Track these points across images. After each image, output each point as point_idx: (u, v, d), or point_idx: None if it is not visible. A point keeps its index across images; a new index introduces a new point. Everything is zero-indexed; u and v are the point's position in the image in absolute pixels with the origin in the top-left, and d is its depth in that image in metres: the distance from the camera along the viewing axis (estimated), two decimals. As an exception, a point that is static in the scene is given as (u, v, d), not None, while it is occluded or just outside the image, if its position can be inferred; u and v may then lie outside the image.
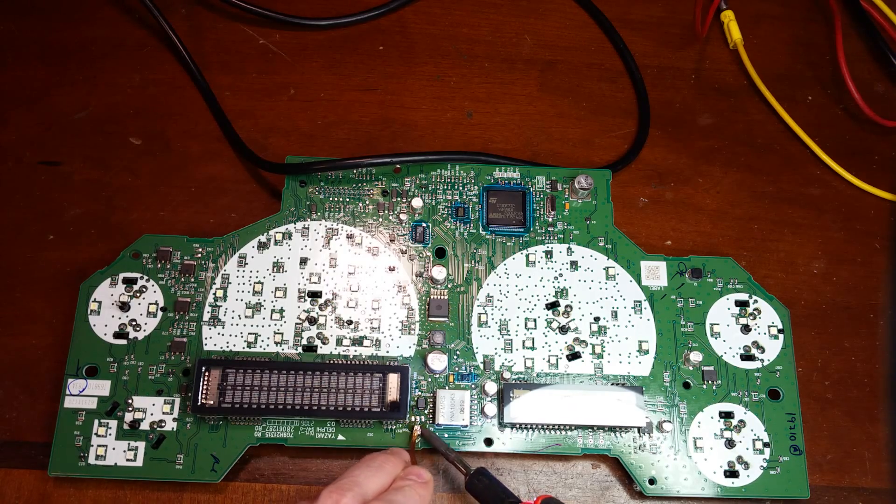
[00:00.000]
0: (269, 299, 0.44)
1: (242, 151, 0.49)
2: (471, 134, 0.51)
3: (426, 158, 0.47)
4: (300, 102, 0.51)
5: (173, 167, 0.49)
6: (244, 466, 0.43)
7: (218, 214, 0.48)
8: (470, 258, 0.46)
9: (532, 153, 0.50)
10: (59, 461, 0.41)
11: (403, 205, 0.47)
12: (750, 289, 0.45)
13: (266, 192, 0.49)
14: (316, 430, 0.42)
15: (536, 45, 0.54)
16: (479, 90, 0.52)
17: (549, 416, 0.41)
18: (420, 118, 0.51)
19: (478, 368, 0.43)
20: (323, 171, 0.46)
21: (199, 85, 0.51)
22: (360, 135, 0.51)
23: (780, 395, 0.43)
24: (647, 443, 0.42)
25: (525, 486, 0.43)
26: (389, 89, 0.52)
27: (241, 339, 0.44)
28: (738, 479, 0.42)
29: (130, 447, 0.41)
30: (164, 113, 0.51)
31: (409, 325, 0.44)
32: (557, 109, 0.52)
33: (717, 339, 0.44)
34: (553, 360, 0.44)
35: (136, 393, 0.42)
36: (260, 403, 0.41)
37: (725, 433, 0.42)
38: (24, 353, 0.45)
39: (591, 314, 0.45)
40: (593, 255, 0.46)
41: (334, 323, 0.44)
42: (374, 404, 0.41)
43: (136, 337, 0.43)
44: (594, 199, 0.47)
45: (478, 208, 0.47)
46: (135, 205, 0.48)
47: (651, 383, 0.43)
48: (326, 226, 0.46)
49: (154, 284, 0.44)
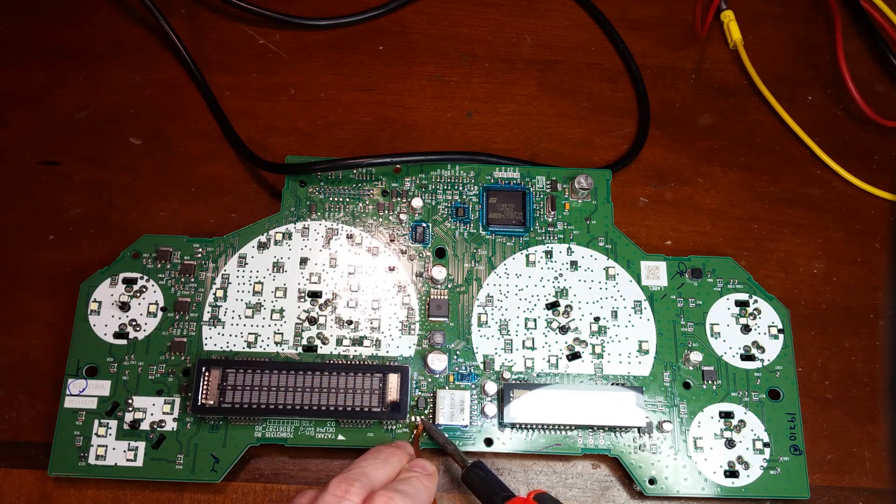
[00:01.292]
0: (269, 299, 0.44)
1: (242, 151, 0.49)
2: (471, 134, 0.51)
3: (426, 158, 0.47)
4: (300, 102, 0.51)
5: (173, 167, 0.49)
6: (244, 466, 0.43)
7: (218, 214, 0.48)
8: (470, 258, 0.46)
9: (532, 153, 0.50)
10: (59, 461, 0.41)
11: (403, 205, 0.47)
12: (750, 289, 0.45)
13: (266, 192, 0.49)
14: (316, 430, 0.42)
15: (536, 45, 0.54)
16: (479, 90, 0.52)
17: (549, 416, 0.41)
18: (420, 118, 0.51)
19: (478, 368, 0.43)
20: (323, 171, 0.46)
21: (199, 85, 0.51)
22: (360, 135, 0.51)
23: (780, 395, 0.43)
24: (647, 443, 0.42)
25: (525, 486, 0.43)
26: (389, 89, 0.52)
27: (241, 339, 0.44)
28: (738, 479, 0.42)
29: (130, 447, 0.41)
30: (164, 113, 0.51)
31: (409, 325, 0.44)
32: (557, 109, 0.52)
33: (717, 339, 0.44)
34: (553, 360, 0.44)
35: (136, 393, 0.42)
36: (260, 403, 0.41)
37: (725, 433, 0.42)
38: (24, 353, 0.45)
39: (591, 314, 0.45)
40: (593, 255, 0.46)
41: (334, 323, 0.44)
42: (374, 404, 0.41)
43: (136, 337, 0.43)
44: (594, 199, 0.47)
45: (478, 208, 0.47)
46: (135, 205, 0.48)
47: (651, 383, 0.43)
48: (326, 226, 0.46)
49: (154, 284, 0.44)
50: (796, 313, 0.46)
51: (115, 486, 0.42)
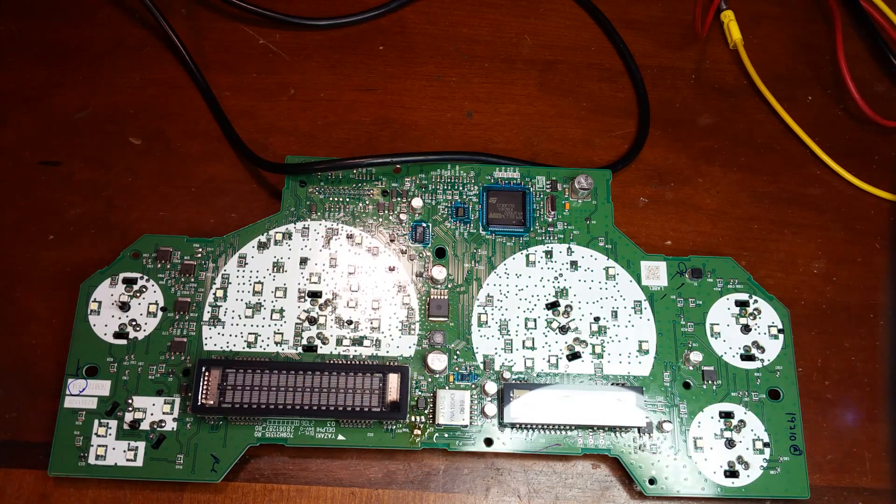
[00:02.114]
0: (269, 299, 0.44)
1: (242, 151, 0.49)
2: (471, 134, 0.51)
3: (426, 158, 0.47)
4: (300, 102, 0.51)
5: (173, 167, 0.49)
6: (244, 466, 0.43)
7: (218, 214, 0.48)
8: (470, 258, 0.46)
9: (532, 153, 0.50)
10: (59, 461, 0.41)
11: (403, 205, 0.47)
12: (750, 289, 0.45)
13: (266, 192, 0.49)
14: (316, 430, 0.42)
15: (536, 45, 0.54)
16: (479, 90, 0.52)
17: (549, 416, 0.41)
18: (420, 118, 0.51)
19: (478, 368, 0.43)
20: (323, 171, 0.46)
21: (199, 85, 0.51)
22: (360, 135, 0.51)
23: (780, 395, 0.43)
24: (647, 443, 0.42)
25: (525, 486, 0.43)
26: (389, 89, 0.52)
27: (241, 339, 0.44)
28: (739, 479, 0.42)
29: (130, 447, 0.41)
30: (164, 113, 0.51)
31: (409, 325, 0.44)
32: (557, 109, 0.52)
33: (717, 339, 0.44)
34: (553, 360, 0.44)
35: (136, 393, 0.42)
36: (260, 403, 0.41)
37: (725, 433, 0.42)
38: (24, 353, 0.45)
39: (591, 314, 0.45)
40: (593, 255, 0.46)
41: (334, 323, 0.44)
42: (374, 404, 0.41)
43: (136, 337, 0.43)
44: (594, 199, 0.47)
45: (478, 208, 0.47)
46: (135, 205, 0.48)
47: (651, 383, 0.43)
48: (326, 226, 0.46)
49: (154, 284, 0.44)
50: (796, 313, 0.46)
51: (115, 486, 0.42)
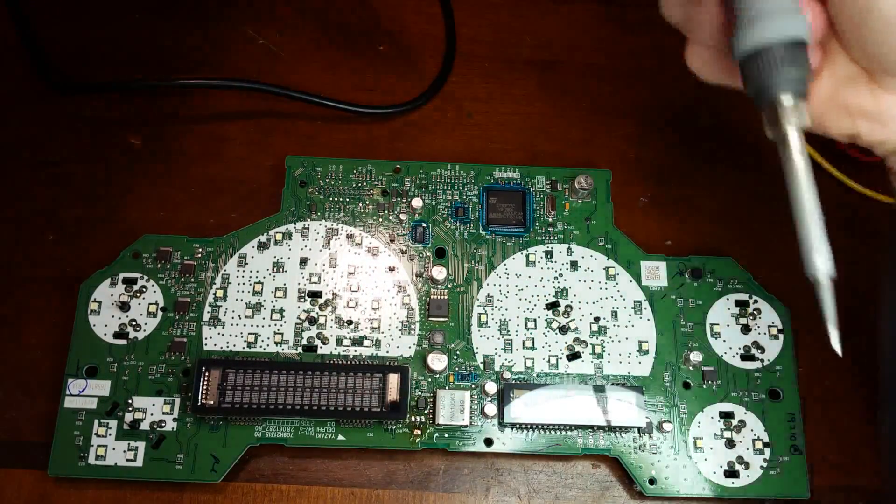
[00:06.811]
0: (269, 299, 0.44)
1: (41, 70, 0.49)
2: (471, 134, 0.51)
3: (210, 83, 0.47)
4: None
5: (173, 167, 0.49)
6: (244, 466, 0.43)
7: (218, 214, 0.48)
8: (470, 258, 0.46)
9: (532, 153, 0.50)
10: (59, 461, 0.41)
11: (403, 205, 0.47)
12: (750, 289, 0.45)
13: (266, 192, 0.49)
14: (316, 431, 0.42)
15: (536, 46, 0.54)
16: (479, 90, 0.52)
17: (549, 416, 0.41)
18: (420, 118, 0.51)
19: (478, 368, 0.43)
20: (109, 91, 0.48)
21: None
22: (361, 135, 0.51)
23: (780, 395, 0.43)
24: (647, 443, 0.42)
25: (525, 486, 0.43)
26: (390, 90, 0.52)
27: (241, 339, 0.44)
28: (739, 479, 0.42)
29: (130, 447, 0.41)
30: (165, 113, 0.51)
31: (409, 325, 0.44)
32: (557, 110, 0.52)
33: (717, 339, 0.44)
34: (553, 360, 0.44)
35: (136, 393, 0.42)
36: (260, 403, 0.41)
37: (725, 433, 0.42)
38: (24, 353, 0.45)
39: (591, 314, 0.45)
40: (593, 255, 0.46)
41: (334, 323, 0.44)
42: (374, 404, 0.41)
43: (136, 337, 0.43)
44: (594, 199, 0.47)
45: (478, 208, 0.47)
46: (135, 205, 0.48)
47: (651, 383, 0.43)
48: (326, 226, 0.46)
49: (154, 284, 0.44)
50: (796, 313, 0.46)
51: (115, 486, 0.42)
